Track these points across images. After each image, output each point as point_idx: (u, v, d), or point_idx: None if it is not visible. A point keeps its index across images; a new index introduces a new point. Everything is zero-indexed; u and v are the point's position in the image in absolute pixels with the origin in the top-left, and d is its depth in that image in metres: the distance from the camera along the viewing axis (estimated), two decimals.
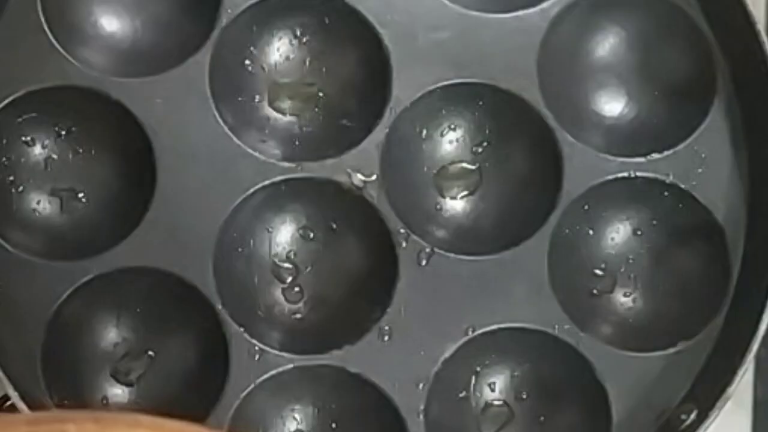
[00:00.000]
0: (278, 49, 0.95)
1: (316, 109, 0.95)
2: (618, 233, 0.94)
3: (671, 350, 0.90)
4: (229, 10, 0.91)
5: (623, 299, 0.94)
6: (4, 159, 0.91)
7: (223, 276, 0.89)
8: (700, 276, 0.93)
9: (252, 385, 0.87)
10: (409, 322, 0.89)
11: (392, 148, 0.91)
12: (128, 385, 0.90)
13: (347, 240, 0.93)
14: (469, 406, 0.91)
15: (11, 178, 0.91)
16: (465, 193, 0.95)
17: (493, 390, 0.92)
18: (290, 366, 0.88)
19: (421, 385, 0.88)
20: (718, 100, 0.93)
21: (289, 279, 0.93)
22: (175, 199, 0.89)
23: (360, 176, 0.91)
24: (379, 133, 0.91)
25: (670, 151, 0.92)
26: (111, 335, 0.91)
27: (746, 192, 0.93)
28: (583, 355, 0.89)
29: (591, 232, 0.94)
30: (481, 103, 0.94)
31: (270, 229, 0.93)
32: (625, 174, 0.92)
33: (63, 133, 0.92)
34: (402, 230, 0.90)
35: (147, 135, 0.89)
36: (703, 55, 0.93)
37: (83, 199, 0.92)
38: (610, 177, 0.92)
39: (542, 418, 0.91)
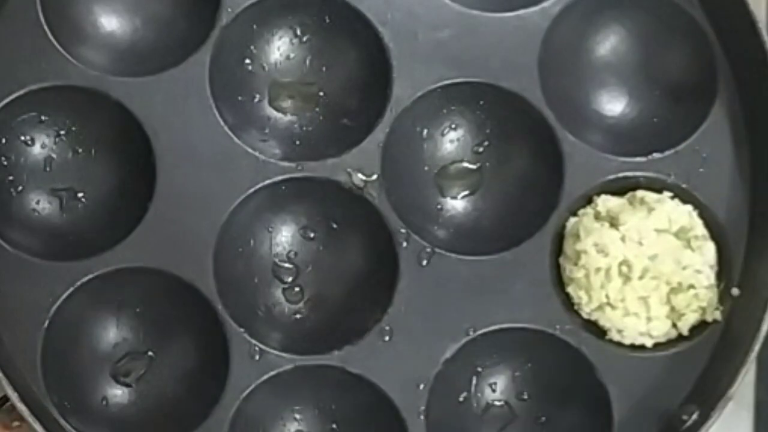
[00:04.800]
0: (278, 48, 0.95)
1: (317, 109, 0.95)
2: None
3: (672, 350, 0.90)
4: (229, 9, 0.91)
5: None
6: (3, 159, 0.91)
7: (223, 276, 0.89)
8: None
9: (252, 386, 0.87)
10: (410, 322, 0.89)
11: (393, 147, 0.91)
12: (128, 385, 0.90)
13: (348, 240, 0.93)
14: (470, 406, 0.91)
15: (11, 178, 0.91)
16: (466, 192, 0.94)
17: (494, 390, 0.92)
18: (291, 366, 0.88)
19: (421, 386, 0.88)
20: (720, 99, 0.93)
21: (290, 279, 0.93)
22: (175, 199, 0.89)
23: (360, 176, 0.91)
24: (380, 132, 0.91)
25: (672, 151, 0.92)
26: (111, 335, 0.91)
27: (748, 191, 0.92)
28: (584, 355, 0.89)
29: None
30: (482, 102, 0.94)
31: (270, 229, 0.92)
32: (627, 173, 0.92)
33: (63, 133, 0.92)
34: (403, 230, 0.90)
35: (147, 135, 0.89)
36: (705, 54, 0.93)
37: (83, 199, 0.92)
38: (611, 176, 0.92)
39: (543, 419, 0.91)
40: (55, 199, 0.92)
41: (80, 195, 0.92)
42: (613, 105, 0.96)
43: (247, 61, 0.94)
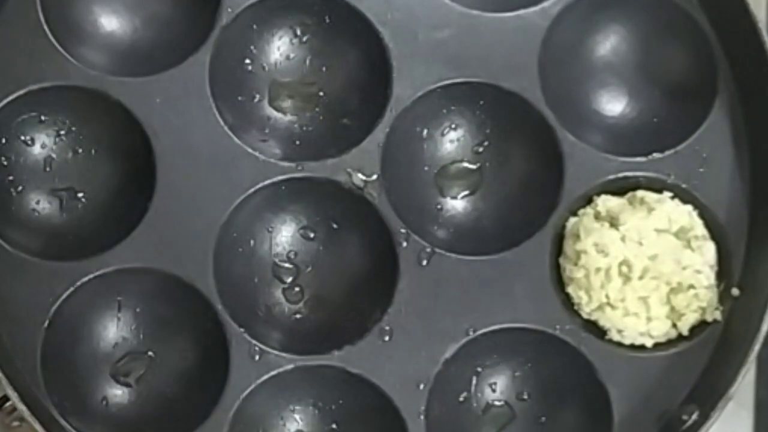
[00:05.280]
0: (278, 48, 0.95)
1: (317, 109, 0.95)
2: None
3: (672, 350, 0.90)
4: (229, 9, 0.91)
5: None
6: (3, 159, 0.91)
7: (223, 276, 0.89)
8: None
9: (252, 386, 0.87)
10: (410, 322, 0.89)
11: (393, 147, 0.91)
12: (128, 385, 0.90)
13: (348, 240, 0.93)
14: (470, 406, 0.91)
15: (11, 178, 0.91)
16: (466, 192, 0.94)
17: (494, 390, 0.92)
18: (291, 366, 0.88)
19: (421, 386, 0.88)
20: (720, 99, 0.93)
21: (290, 279, 0.92)
22: (175, 199, 0.89)
23: (360, 176, 0.91)
24: (380, 132, 0.91)
25: (672, 151, 0.92)
26: (111, 335, 0.90)
27: (748, 191, 0.92)
28: (584, 355, 0.89)
29: None
30: (482, 102, 0.94)
31: (270, 229, 0.92)
32: (627, 173, 0.92)
33: (63, 133, 0.92)
34: (403, 230, 0.90)
35: (147, 135, 0.89)
36: (705, 54, 0.93)
37: (83, 199, 0.92)
38: (611, 176, 0.92)
39: (543, 419, 0.91)
40: (55, 199, 0.92)
41: (80, 195, 0.92)
42: (613, 105, 0.96)
43: (247, 61, 0.94)
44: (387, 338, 0.89)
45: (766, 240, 0.90)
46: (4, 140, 0.91)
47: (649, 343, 0.90)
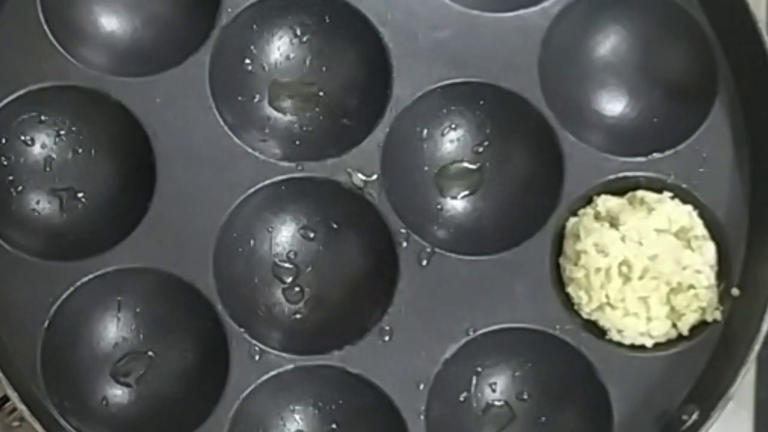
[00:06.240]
0: (278, 48, 0.95)
1: (317, 109, 0.95)
2: None
3: (672, 350, 0.90)
4: (229, 9, 0.92)
5: None
6: (3, 159, 0.91)
7: (223, 276, 0.89)
8: None
9: (252, 386, 0.87)
10: (410, 322, 0.89)
11: (393, 147, 0.91)
12: (128, 385, 0.90)
13: (348, 240, 0.93)
14: (470, 406, 0.91)
15: (11, 177, 0.91)
16: (466, 192, 0.95)
17: (494, 390, 0.92)
18: (291, 366, 0.88)
19: (421, 386, 0.88)
20: (720, 99, 0.93)
21: (290, 279, 0.93)
22: (175, 199, 0.89)
23: (360, 176, 0.91)
24: (380, 132, 0.91)
25: (672, 151, 0.92)
26: (111, 335, 0.90)
27: (747, 191, 0.92)
28: (584, 355, 0.89)
29: None
30: (482, 102, 0.94)
31: (270, 229, 0.92)
32: (627, 173, 0.92)
33: (63, 133, 0.92)
34: (403, 230, 0.90)
35: (147, 135, 0.89)
36: (705, 54, 0.93)
37: (83, 199, 0.92)
38: (611, 176, 0.92)
39: (543, 419, 0.91)
40: (55, 199, 0.92)
41: (80, 195, 0.92)
42: (613, 105, 0.96)
43: (247, 61, 0.94)
44: (387, 338, 0.89)
45: (766, 240, 0.90)
46: (4, 140, 0.91)
47: (649, 343, 0.90)
